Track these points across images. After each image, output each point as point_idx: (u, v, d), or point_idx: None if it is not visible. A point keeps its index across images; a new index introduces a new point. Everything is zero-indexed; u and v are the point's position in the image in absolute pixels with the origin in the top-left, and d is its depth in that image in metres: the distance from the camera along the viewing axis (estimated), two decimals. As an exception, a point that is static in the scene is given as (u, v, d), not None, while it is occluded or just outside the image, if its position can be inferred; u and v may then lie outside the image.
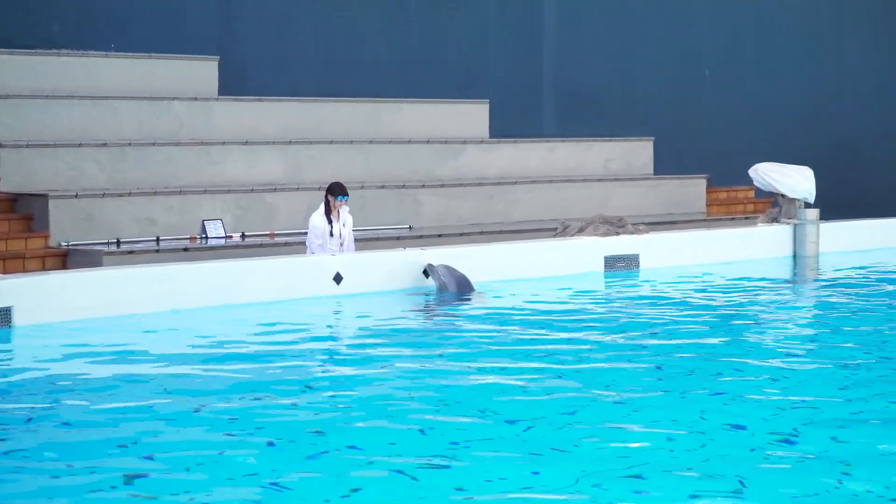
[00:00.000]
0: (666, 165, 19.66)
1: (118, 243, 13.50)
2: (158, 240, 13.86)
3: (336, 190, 12.75)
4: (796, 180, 15.67)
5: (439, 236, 15.24)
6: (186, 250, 13.37)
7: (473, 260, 12.80)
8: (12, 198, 13.86)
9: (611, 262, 13.92)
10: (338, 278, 11.95)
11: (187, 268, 11.45)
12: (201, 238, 14.07)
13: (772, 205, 16.33)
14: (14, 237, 13.16)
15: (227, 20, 17.85)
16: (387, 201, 15.98)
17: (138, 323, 10.41)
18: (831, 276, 14.25)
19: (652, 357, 8.97)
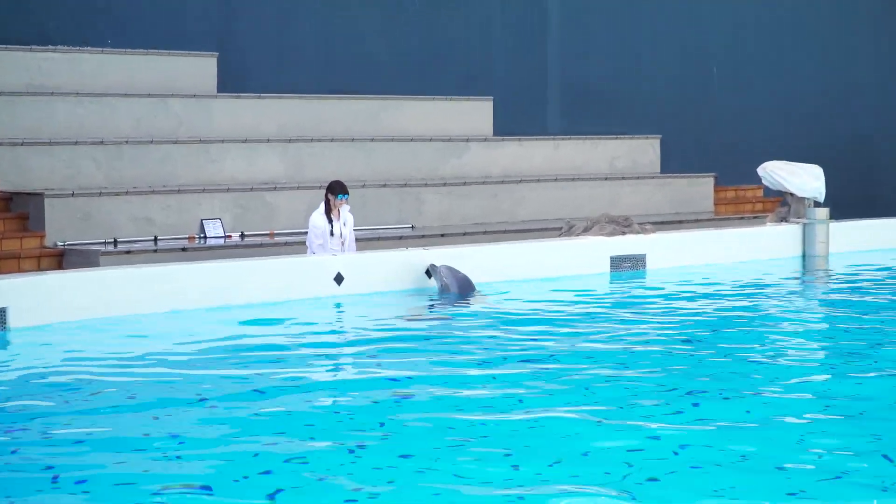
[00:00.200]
0: (673, 164, 19.69)
1: (115, 243, 13.53)
2: (156, 239, 13.89)
3: (336, 188, 12.77)
4: (805, 179, 15.68)
5: (442, 236, 15.26)
6: (185, 250, 13.40)
7: (477, 260, 12.83)
8: (7, 197, 13.89)
9: (617, 263, 13.93)
10: (339, 279, 11.98)
11: (186, 268, 11.47)
12: (200, 238, 14.10)
13: (781, 204, 16.34)
14: (9, 237, 13.18)
15: (227, 16, 17.88)
16: (389, 200, 16.01)
17: (136, 324, 10.43)
18: (841, 277, 14.26)
19: (657, 359, 8.99)
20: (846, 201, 18.37)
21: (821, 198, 15.76)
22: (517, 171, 17.96)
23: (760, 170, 16.02)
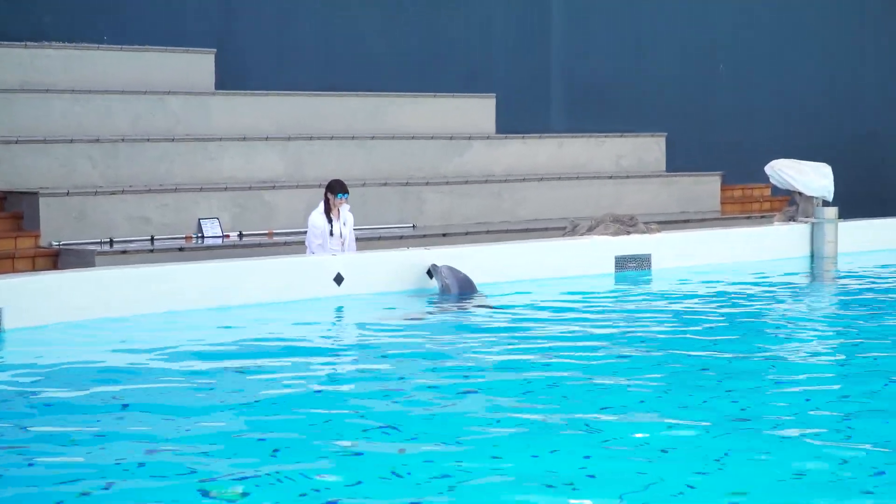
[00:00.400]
0: (679, 162, 19.69)
1: (111, 243, 13.54)
2: (153, 239, 13.91)
3: (336, 187, 12.78)
4: (814, 177, 15.69)
5: (444, 235, 15.28)
6: (182, 250, 13.42)
7: (478, 260, 12.84)
8: (1, 196, 13.91)
9: (622, 263, 13.94)
10: (338, 279, 11.99)
11: (183, 268, 11.49)
12: (197, 237, 14.11)
13: (788, 203, 16.36)
14: (3, 236, 13.19)
15: (225, 12, 17.89)
16: (389, 199, 16.02)
17: (133, 325, 10.44)
18: (850, 277, 14.26)
19: (663, 361, 8.99)
20: (855, 200, 18.37)
21: (829, 197, 15.77)
22: (520, 170, 17.97)
23: (768, 168, 16.03)
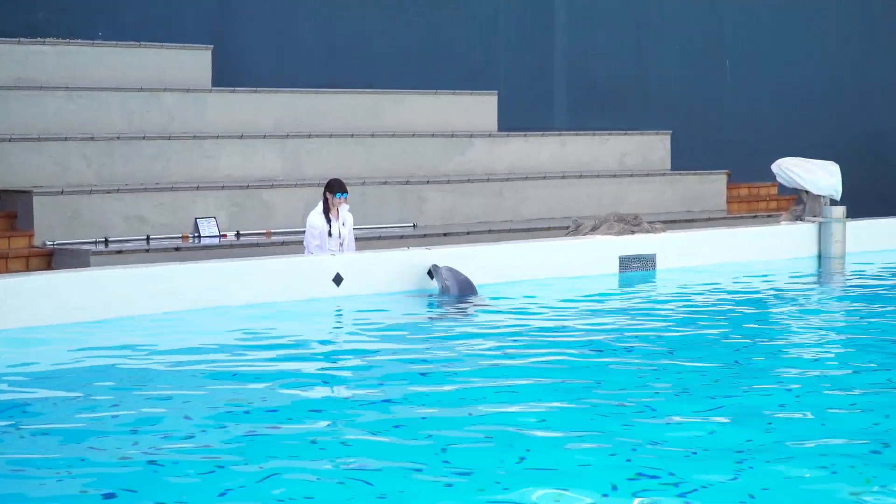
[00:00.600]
0: (684, 160, 19.69)
1: (106, 242, 13.55)
2: (149, 239, 13.91)
3: (335, 187, 12.77)
4: (821, 176, 15.70)
5: (444, 235, 15.28)
6: (178, 250, 13.42)
7: (480, 260, 12.84)
8: (-5, 194, 13.94)
9: (626, 263, 13.94)
10: (337, 279, 12.00)
11: (180, 268, 11.48)
12: (194, 237, 14.12)
13: (795, 202, 16.36)
14: (-3, 236, 13.22)
15: (222, 7, 17.90)
16: (389, 198, 16.02)
17: (129, 326, 10.45)
18: (858, 278, 14.27)
19: (668, 364, 8.99)
20: (863, 199, 18.37)
21: (837, 196, 15.77)
22: (522, 168, 17.98)
23: (775, 167, 16.03)
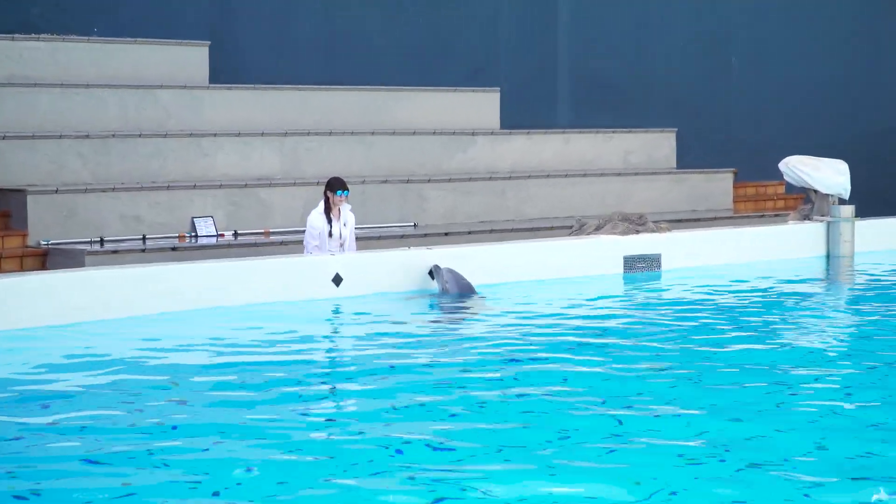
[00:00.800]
0: (690, 159, 19.69)
1: (101, 242, 13.55)
2: (145, 238, 13.91)
3: (335, 185, 12.77)
4: (830, 174, 15.70)
5: (446, 234, 15.28)
6: (175, 249, 13.42)
7: (482, 260, 12.84)
8: (-12, 193, 13.94)
9: (630, 263, 13.94)
10: (337, 280, 12.00)
11: (177, 268, 11.48)
12: (191, 236, 14.12)
13: (803, 201, 16.36)
14: (-10, 235, 13.22)
15: (219, 2, 17.90)
16: (390, 197, 16.02)
17: (125, 327, 10.45)
18: (867, 278, 14.26)
19: (674, 367, 8.99)
20: (872, 198, 18.36)
21: (846, 194, 15.77)
22: (525, 167, 17.98)
23: (782, 165, 16.03)
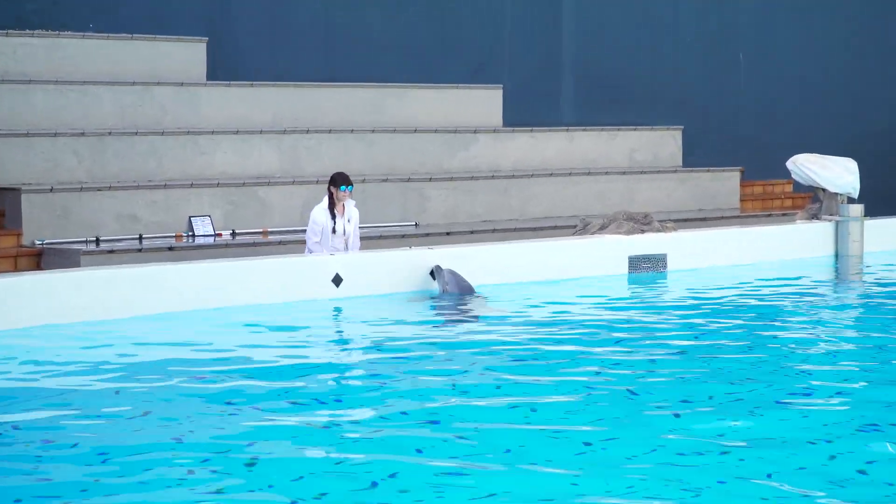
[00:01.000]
0: (696, 157, 19.68)
1: (97, 242, 13.54)
2: (141, 238, 13.91)
3: (339, 180, 12.76)
4: (838, 173, 15.69)
5: (448, 234, 15.28)
6: (172, 249, 13.42)
7: (484, 260, 12.83)
8: (-18, 192, 13.94)
9: (635, 263, 13.93)
10: (337, 280, 11.99)
11: (174, 268, 11.48)
12: (188, 236, 14.11)
13: (812, 200, 16.35)
14: (-16, 235, 13.22)
15: (217, -2, 17.90)
16: (391, 196, 16.02)
17: (121, 328, 10.45)
18: (876, 278, 14.26)
19: (679, 369, 8.98)
20: (881, 197, 18.34)
21: (855, 193, 15.76)
22: (528, 165, 17.97)
23: (790, 163, 16.03)
